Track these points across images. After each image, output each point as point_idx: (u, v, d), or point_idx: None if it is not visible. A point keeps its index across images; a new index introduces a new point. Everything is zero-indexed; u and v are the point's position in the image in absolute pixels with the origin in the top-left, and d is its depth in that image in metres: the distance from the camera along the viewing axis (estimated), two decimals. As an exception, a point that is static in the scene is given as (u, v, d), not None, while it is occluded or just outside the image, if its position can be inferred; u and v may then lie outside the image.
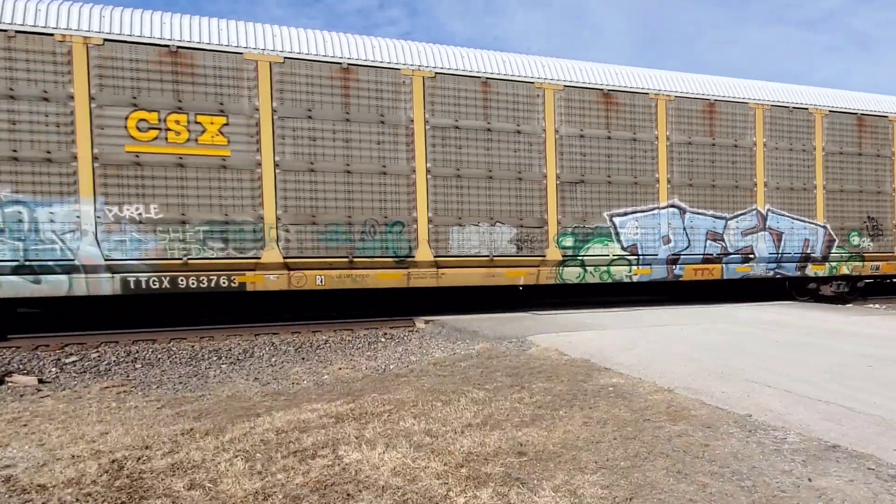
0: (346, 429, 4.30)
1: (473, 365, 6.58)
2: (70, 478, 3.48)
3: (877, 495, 3.01)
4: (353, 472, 3.46)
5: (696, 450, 3.69)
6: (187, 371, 7.27)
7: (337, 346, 8.62)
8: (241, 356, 8.00)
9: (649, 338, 7.86)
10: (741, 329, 8.65)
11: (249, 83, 9.42)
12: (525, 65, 11.08)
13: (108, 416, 5.03)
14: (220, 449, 3.94)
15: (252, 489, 3.25)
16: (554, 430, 4.12)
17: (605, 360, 6.44)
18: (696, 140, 12.12)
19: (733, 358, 6.47)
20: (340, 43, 10.05)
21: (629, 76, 11.77)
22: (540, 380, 5.68)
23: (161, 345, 8.52)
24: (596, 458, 3.60)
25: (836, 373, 5.68)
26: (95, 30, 8.77)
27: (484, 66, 10.76)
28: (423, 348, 8.14)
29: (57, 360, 7.54)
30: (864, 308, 12.47)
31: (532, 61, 11.23)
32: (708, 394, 4.99)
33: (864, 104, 13.67)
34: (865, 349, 6.92)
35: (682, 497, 3.04)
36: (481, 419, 4.45)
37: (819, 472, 3.31)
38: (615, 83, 11.55)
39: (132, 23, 9.04)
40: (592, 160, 11.36)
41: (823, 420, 4.22)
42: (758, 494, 3.05)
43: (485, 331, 8.59)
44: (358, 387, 5.89)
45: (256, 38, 9.60)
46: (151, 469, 3.61)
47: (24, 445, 4.19)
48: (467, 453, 3.72)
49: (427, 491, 3.19)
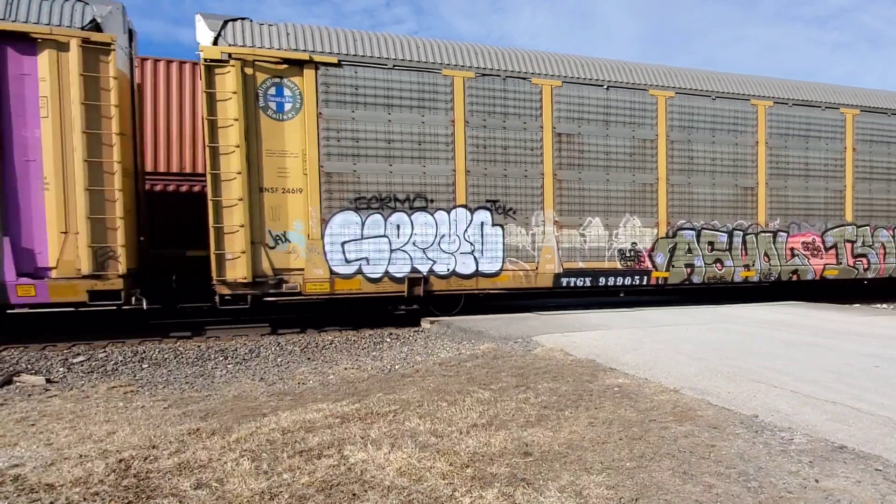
0: (352, 429, 4.31)
1: (479, 365, 6.58)
2: (78, 477, 3.50)
3: (884, 496, 2.99)
4: (359, 472, 3.47)
5: (703, 450, 3.68)
6: (194, 371, 7.30)
7: (342, 346, 8.64)
8: (247, 356, 8.03)
9: (655, 338, 7.84)
10: (747, 329, 8.61)
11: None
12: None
13: (116, 416, 5.06)
14: (227, 448, 3.95)
15: (258, 489, 3.26)
16: (559, 431, 4.12)
17: (611, 361, 6.43)
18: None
19: (739, 358, 6.44)
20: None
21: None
22: (545, 380, 5.67)
23: (167, 345, 8.56)
24: (601, 458, 3.60)
25: (842, 373, 5.65)
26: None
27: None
28: (429, 348, 8.14)
29: (64, 360, 7.59)
30: (870, 308, 12.40)
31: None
32: (714, 394, 4.97)
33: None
34: (872, 349, 6.88)
35: (688, 498, 3.03)
36: (487, 419, 4.45)
37: (826, 472, 3.30)
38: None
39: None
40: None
41: (830, 421, 4.20)
42: (764, 495, 3.04)
43: (490, 331, 8.58)
44: (363, 387, 5.90)
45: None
46: (158, 468, 3.63)
47: (32, 445, 4.22)
48: (473, 453, 3.73)
49: (432, 491, 3.19)
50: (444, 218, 10.19)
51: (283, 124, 9.35)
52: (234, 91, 8.97)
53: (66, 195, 8.42)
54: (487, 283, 10.55)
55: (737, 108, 12.06)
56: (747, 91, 12.23)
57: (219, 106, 9.01)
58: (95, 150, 8.51)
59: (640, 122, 11.39)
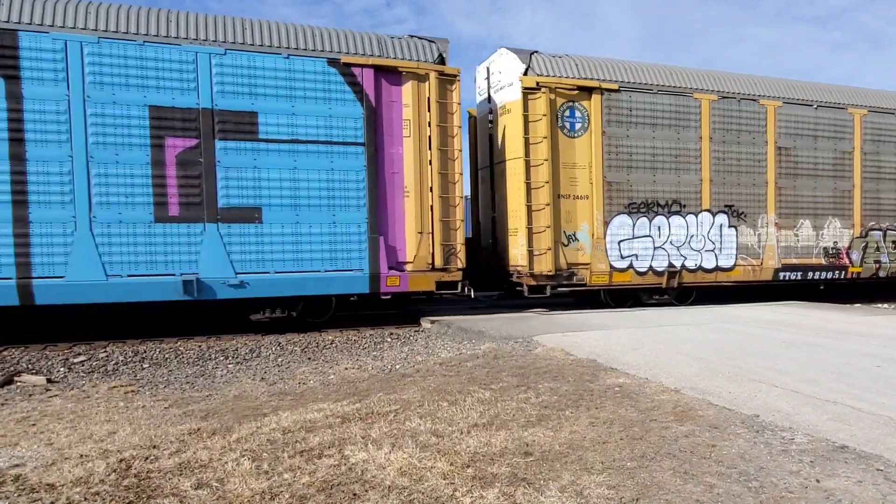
0: (353, 428, 4.31)
1: (479, 365, 6.58)
2: (78, 477, 3.51)
3: (885, 496, 2.99)
4: (360, 472, 3.47)
5: (703, 450, 3.67)
6: (194, 371, 7.30)
7: (343, 346, 8.64)
8: (248, 356, 8.03)
9: (655, 338, 7.83)
10: (747, 329, 8.61)
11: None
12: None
13: (116, 416, 5.06)
14: (227, 448, 3.95)
15: (259, 489, 3.26)
16: (560, 431, 4.12)
17: (611, 361, 6.43)
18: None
19: (740, 358, 6.44)
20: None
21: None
22: (546, 380, 5.67)
23: (168, 345, 8.56)
24: (602, 458, 3.60)
25: (843, 373, 5.65)
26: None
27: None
28: (429, 348, 8.14)
29: (65, 360, 7.59)
30: (870, 308, 12.40)
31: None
32: (715, 394, 4.97)
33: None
34: (873, 349, 6.88)
35: (689, 498, 3.03)
36: (487, 419, 4.45)
37: (827, 472, 3.30)
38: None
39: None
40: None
41: (831, 420, 4.20)
42: (765, 495, 3.04)
43: (490, 331, 8.58)
44: (364, 387, 5.90)
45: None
46: (159, 468, 3.63)
47: (32, 445, 4.22)
48: (473, 453, 3.72)
49: (433, 491, 3.19)
50: (693, 220, 12.10)
51: (574, 141, 11.31)
52: (543, 114, 10.97)
53: (421, 201, 10.13)
54: (724, 276, 12.37)
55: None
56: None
57: (531, 126, 10.99)
58: (444, 164, 10.26)
59: (841, 137, 13.22)
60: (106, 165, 8.49)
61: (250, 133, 9.16)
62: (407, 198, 10.05)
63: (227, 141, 9.03)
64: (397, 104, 9.98)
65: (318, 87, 9.50)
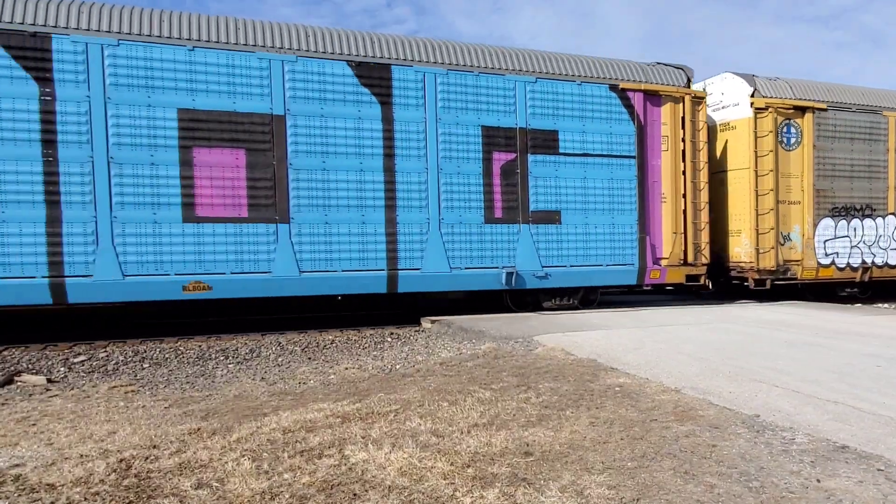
0: (353, 428, 4.30)
1: (479, 365, 6.58)
2: (78, 477, 3.50)
3: (886, 496, 2.98)
4: (360, 472, 3.47)
5: (704, 450, 3.67)
6: (195, 371, 7.30)
7: (343, 346, 8.64)
8: (248, 356, 8.03)
9: (656, 338, 7.83)
10: (748, 329, 8.61)
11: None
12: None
13: (116, 416, 5.06)
14: (228, 448, 3.95)
15: (259, 489, 3.26)
16: (560, 431, 4.12)
17: (612, 360, 6.42)
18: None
19: (740, 358, 6.43)
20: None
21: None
22: (546, 380, 5.67)
23: (168, 344, 8.57)
24: (602, 458, 3.59)
25: (844, 373, 5.64)
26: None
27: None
28: (430, 348, 8.14)
29: (65, 360, 7.59)
30: (871, 308, 12.40)
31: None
32: (715, 394, 4.97)
33: None
34: (874, 349, 6.87)
35: (690, 498, 3.03)
36: (487, 419, 4.44)
37: (828, 472, 3.29)
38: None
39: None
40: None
41: (832, 420, 4.19)
42: (766, 495, 3.04)
43: (490, 331, 8.58)
44: (364, 386, 5.90)
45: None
46: (159, 468, 3.63)
47: (32, 444, 4.22)
48: (474, 453, 3.72)
49: (433, 491, 3.19)
50: (881, 223, 13.78)
51: (789, 154, 12.96)
52: (770, 130, 12.67)
53: (675, 206, 11.81)
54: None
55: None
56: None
57: (759, 141, 12.64)
58: (693, 174, 11.94)
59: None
60: (450, 175, 10.49)
61: (553, 148, 11.05)
62: (664, 203, 11.75)
63: (536, 155, 10.94)
64: (657, 122, 11.68)
65: (602, 108, 11.31)
